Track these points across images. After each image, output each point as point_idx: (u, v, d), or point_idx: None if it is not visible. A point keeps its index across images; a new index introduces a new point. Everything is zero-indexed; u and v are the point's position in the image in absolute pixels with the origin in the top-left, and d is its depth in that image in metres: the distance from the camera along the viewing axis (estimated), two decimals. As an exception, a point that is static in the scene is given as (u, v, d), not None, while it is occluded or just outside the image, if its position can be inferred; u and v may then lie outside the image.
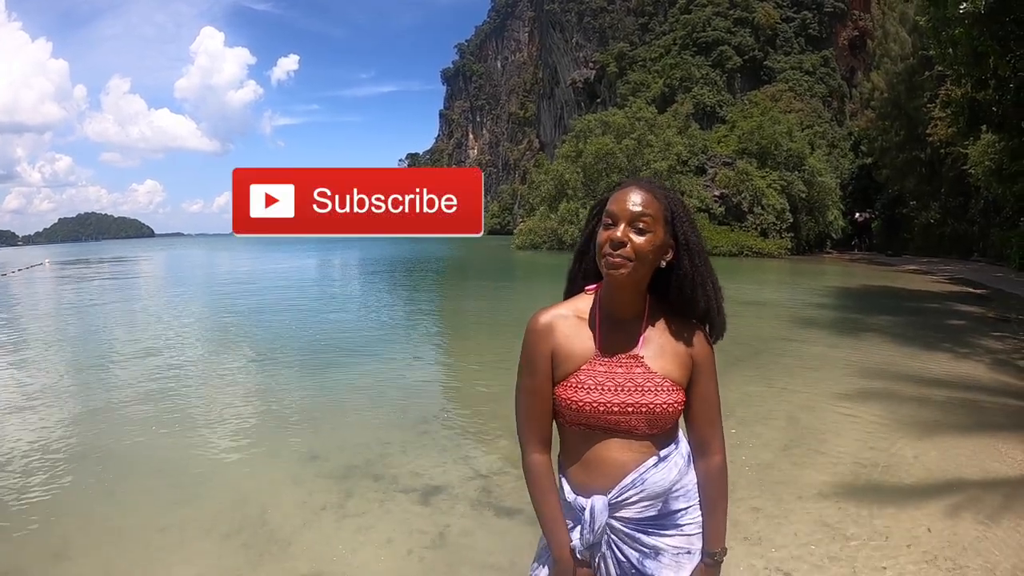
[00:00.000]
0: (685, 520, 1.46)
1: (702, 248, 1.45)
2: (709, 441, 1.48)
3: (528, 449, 1.47)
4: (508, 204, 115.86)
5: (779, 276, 26.92)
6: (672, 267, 1.43)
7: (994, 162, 19.41)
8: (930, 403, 6.44)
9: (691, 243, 1.43)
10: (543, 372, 1.45)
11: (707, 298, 1.44)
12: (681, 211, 1.43)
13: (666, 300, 1.48)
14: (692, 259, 1.43)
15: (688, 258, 1.43)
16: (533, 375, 1.45)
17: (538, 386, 1.45)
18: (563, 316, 1.48)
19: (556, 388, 1.44)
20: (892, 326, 11.77)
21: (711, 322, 1.48)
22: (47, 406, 6.89)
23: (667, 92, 60.67)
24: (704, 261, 1.44)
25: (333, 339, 11.07)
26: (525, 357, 1.47)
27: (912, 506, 4.02)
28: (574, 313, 1.48)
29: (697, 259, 1.43)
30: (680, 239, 1.43)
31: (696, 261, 1.43)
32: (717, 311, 1.47)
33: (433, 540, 3.73)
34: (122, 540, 3.81)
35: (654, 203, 1.38)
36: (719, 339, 1.52)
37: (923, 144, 32.97)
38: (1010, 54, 13.09)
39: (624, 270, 1.36)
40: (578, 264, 1.57)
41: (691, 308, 1.45)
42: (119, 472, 4.94)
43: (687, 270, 1.42)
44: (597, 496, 1.42)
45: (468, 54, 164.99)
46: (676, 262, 1.43)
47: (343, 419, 6.34)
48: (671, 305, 1.48)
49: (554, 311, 1.49)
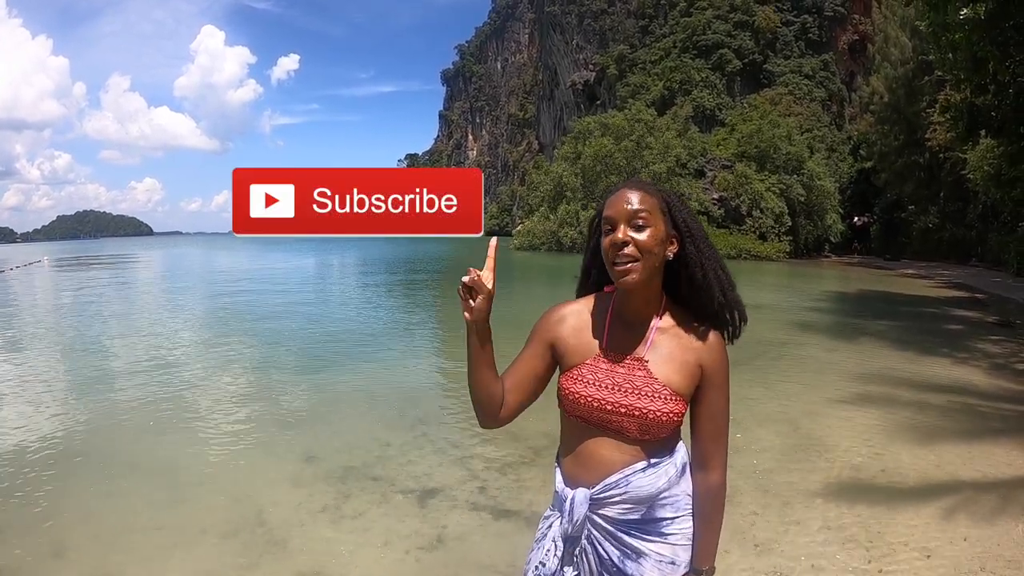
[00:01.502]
0: (671, 529, 1.43)
1: (704, 234, 1.44)
2: (711, 457, 1.44)
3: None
4: (507, 205, 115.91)
5: (777, 279, 26.94)
6: (678, 258, 1.42)
7: (993, 167, 19.46)
8: (928, 407, 6.45)
9: (692, 229, 1.42)
10: (535, 350, 1.49)
11: (719, 281, 1.42)
12: (676, 201, 1.43)
13: (682, 301, 1.47)
14: (696, 244, 1.42)
15: (692, 244, 1.42)
16: (527, 348, 1.51)
17: (526, 359, 1.50)
18: (577, 311, 1.51)
19: (560, 378, 1.47)
20: (890, 330, 11.78)
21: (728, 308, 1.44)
22: (45, 405, 6.88)
23: (667, 95, 60.85)
24: (709, 245, 1.43)
25: (331, 340, 11.06)
26: (531, 334, 1.52)
27: (910, 509, 4.03)
28: (589, 309, 1.50)
29: (701, 244, 1.42)
30: (681, 227, 1.42)
31: (701, 246, 1.42)
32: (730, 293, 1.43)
33: (431, 541, 3.73)
34: (120, 540, 3.81)
35: (648, 198, 1.38)
36: (739, 332, 1.47)
37: (922, 148, 33.08)
38: (1010, 59, 13.13)
39: (634, 274, 1.35)
40: (586, 279, 1.58)
41: (705, 296, 1.42)
42: (117, 472, 4.93)
43: (693, 255, 1.41)
44: (580, 488, 1.43)
45: (468, 55, 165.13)
46: (681, 251, 1.42)
47: (341, 420, 6.34)
48: (686, 305, 1.46)
49: (571, 306, 1.53)
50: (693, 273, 1.42)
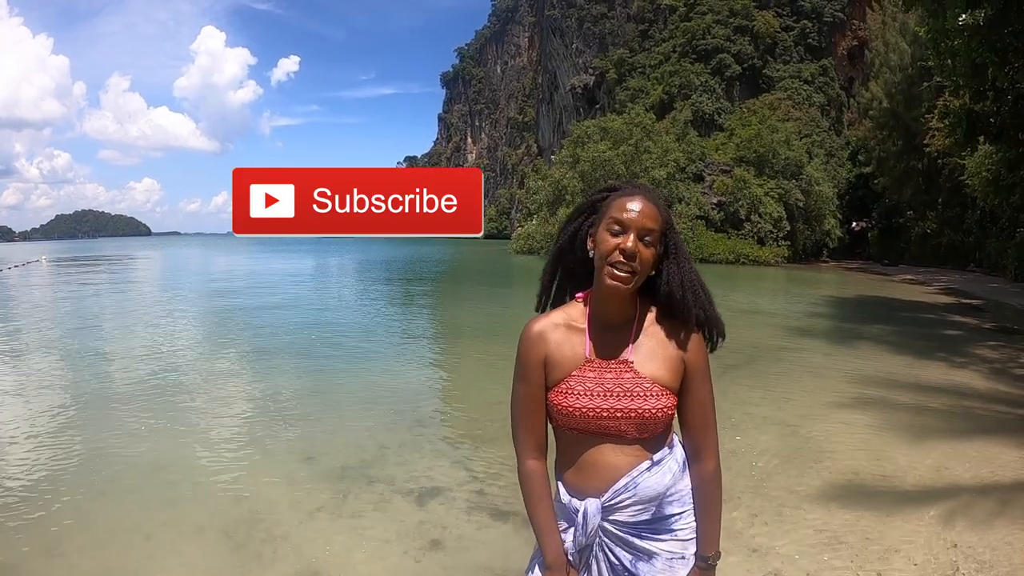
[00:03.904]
0: (679, 525, 1.45)
1: (688, 253, 1.48)
2: (702, 446, 1.47)
3: (523, 456, 1.49)
4: (506, 208, 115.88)
5: (775, 284, 26.98)
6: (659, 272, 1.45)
7: (991, 173, 19.49)
8: (926, 411, 6.45)
9: (680, 249, 1.46)
10: (536, 379, 1.47)
11: (698, 301, 1.44)
12: (672, 220, 1.47)
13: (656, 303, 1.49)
14: (680, 264, 1.45)
15: (676, 264, 1.45)
16: (527, 383, 1.48)
17: (532, 393, 1.47)
18: (555, 324, 1.50)
19: (549, 394, 1.46)
20: (888, 335, 11.80)
21: (708, 325, 1.47)
22: (42, 405, 6.86)
23: (666, 99, 60.84)
24: (691, 266, 1.47)
25: (329, 340, 11.05)
26: (519, 365, 1.49)
27: (908, 512, 4.03)
28: (565, 321, 1.50)
29: (684, 263, 1.46)
30: (671, 246, 1.45)
31: (684, 266, 1.45)
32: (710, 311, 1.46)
33: (428, 542, 3.73)
34: (117, 539, 3.80)
35: (659, 218, 1.41)
36: (718, 343, 1.51)
37: (921, 154, 33.12)
38: (1008, 66, 13.18)
39: (628, 285, 1.38)
40: (557, 262, 1.57)
41: (685, 312, 1.44)
42: (114, 471, 4.92)
43: (676, 275, 1.44)
44: (591, 499, 1.43)
45: (468, 58, 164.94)
46: (663, 267, 1.45)
47: (339, 420, 6.33)
48: (662, 308, 1.48)
49: (546, 320, 1.51)
50: (672, 291, 1.44)
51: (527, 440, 1.49)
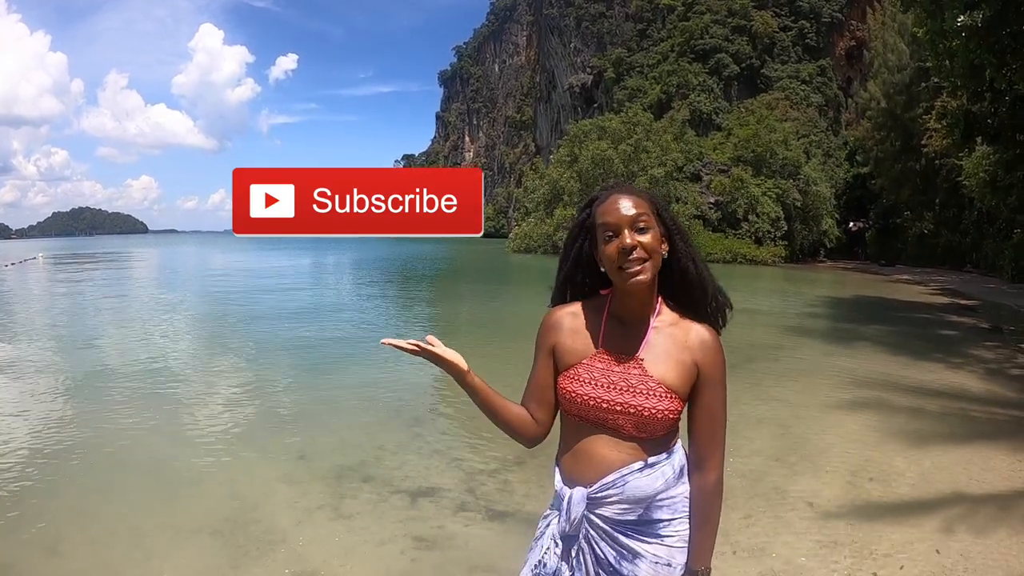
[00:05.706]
0: (668, 531, 1.43)
1: (687, 231, 1.51)
2: (707, 456, 1.44)
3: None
4: (503, 207, 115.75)
5: (772, 284, 27.02)
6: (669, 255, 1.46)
7: (988, 174, 19.53)
8: (922, 412, 6.47)
9: (679, 227, 1.48)
10: (542, 361, 1.54)
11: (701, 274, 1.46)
12: (661, 202, 1.49)
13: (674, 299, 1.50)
14: (684, 240, 1.48)
15: (681, 240, 1.47)
16: (535, 366, 1.55)
17: (538, 370, 1.55)
18: (573, 313, 1.54)
19: (559, 377, 1.50)
20: (884, 336, 11.82)
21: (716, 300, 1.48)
22: (39, 405, 6.85)
23: (664, 98, 60.92)
24: (690, 241, 1.49)
25: (327, 340, 11.05)
26: (535, 345, 1.56)
27: (904, 515, 4.04)
28: (584, 311, 1.53)
29: (688, 240, 1.49)
30: (670, 226, 1.46)
31: (688, 242, 1.48)
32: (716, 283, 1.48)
33: (425, 541, 3.73)
34: (114, 538, 3.80)
35: (643, 202, 1.43)
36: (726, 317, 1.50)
37: (918, 155, 33.21)
38: (1006, 67, 13.20)
39: (644, 275, 1.39)
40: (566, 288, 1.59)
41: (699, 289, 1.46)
42: (112, 470, 4.92)
43: (683, 251, 1.46)
44: (578, 488, 1.44)
45: (466, 56, 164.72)
46: (671, 249, 1.46)
47: (336, 420, 6.33)
48: (679, 304, 1.49)
49: (566, 309, 1.56)
50: (686, 267, 1.46)
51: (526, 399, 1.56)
